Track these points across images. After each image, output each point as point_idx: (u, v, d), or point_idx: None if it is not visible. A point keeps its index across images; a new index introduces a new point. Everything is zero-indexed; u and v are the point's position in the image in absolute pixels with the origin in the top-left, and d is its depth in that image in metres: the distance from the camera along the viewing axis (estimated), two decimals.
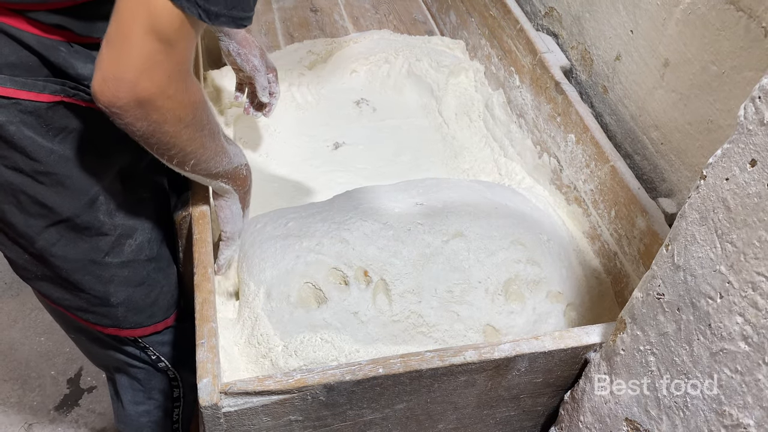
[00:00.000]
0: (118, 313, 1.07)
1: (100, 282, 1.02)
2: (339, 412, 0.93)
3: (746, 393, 0.66)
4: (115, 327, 1.09)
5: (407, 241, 1.11)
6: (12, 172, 0.88)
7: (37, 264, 0.99)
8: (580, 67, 1.43)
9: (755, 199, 0.62)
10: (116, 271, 1.03)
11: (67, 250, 0.97)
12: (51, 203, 0.92)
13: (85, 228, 0.97)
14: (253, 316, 1.05)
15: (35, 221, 0.93)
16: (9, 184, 0.89)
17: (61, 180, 0.91)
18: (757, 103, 0.60)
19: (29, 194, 0.90)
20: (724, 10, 1.01)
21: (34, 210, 0.92)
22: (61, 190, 0.92)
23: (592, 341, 0.95)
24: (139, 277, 1.07)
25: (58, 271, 0.99)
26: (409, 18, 1.98)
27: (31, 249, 0.96)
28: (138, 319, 1.10)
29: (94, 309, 1.05)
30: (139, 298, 1.08)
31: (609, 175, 1.19)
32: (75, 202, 0.94)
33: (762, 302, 0.62)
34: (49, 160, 0.89)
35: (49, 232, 0.95)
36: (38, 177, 0.89)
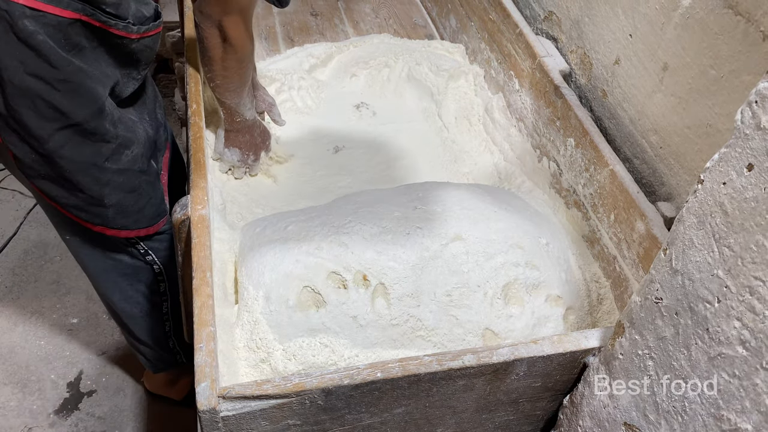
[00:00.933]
0: (109, 213, 1.20)
1: (98, 184, 1.15)
2: (337, 417, 0.93)
3: (744, 397, 0.66)
4: (103, 226, 1.22)
5: (406, 244, 1.11)
6: (32, 79, 0.99)
7: (43, 163, 1.10)
8: (579, 71, 1.43)
9: (752, 203, 0.61)
10: (112, 177, 1.16)
11: (73, 152, 1.09)
12: (65, 108, 1.04)
13: (92, 133, 1.09)
14: (252, 319, 1.05)
15: (48, 124, 1.05)
16: (28, 89, 1.00)
17: (75, 88, 1.04)
18: (754, 108, 0.60)
19: (46, 99, 1.02)
20: (722, 14, 1.01)
21: (49, 114, 1.04)
22: (75, 96, 1.04)
23: (591, 345, 0.94)
24: (132, 184, 1.20)
25: (61, 171, 1.11)
26: (409, 22, 1.98)
27: (41, 149, 1.07)
28: (125, 222, 1.24)
29: (87, 208, 1.18)
30: (128, 204, 1.21)
31: (608, 179, 1.19)
32: (86, 109, 1.06)
33: (759, 306, 0.62)
34: (68, 70, 1.01)
35: (59, 135, 1.06)
36: (56, 84, 1.01)
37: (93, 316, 1.99)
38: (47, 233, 2.21)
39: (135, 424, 1.77)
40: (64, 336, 1.94)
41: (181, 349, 1.61)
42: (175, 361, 1.63)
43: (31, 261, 2.13)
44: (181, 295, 1.22)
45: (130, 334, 1.56)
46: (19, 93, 1.00)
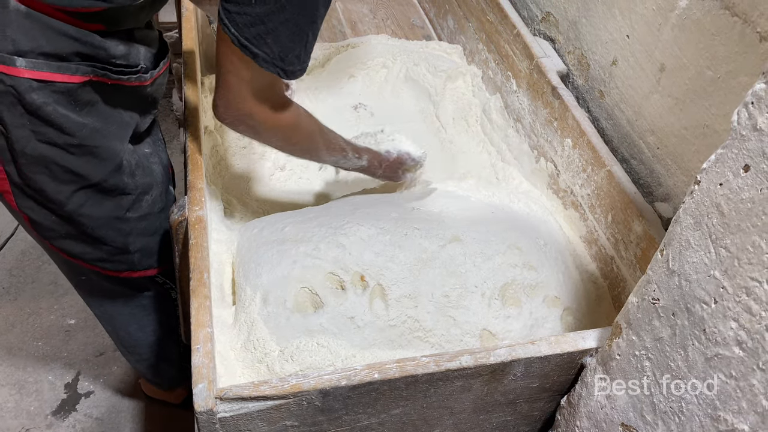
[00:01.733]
0: (134, 259, 1.21)
1: (121, 235, 1.15)
2: (335, 418, 0.93)
3: (741, 398, 0.66)
4: (130, 271, 1.23)
5: (404, 245, 1.11)
6: (46, 146, 0.98)
7: (64, 224, 1.09)
8: (576, 71, 1.43)
9: (749, 204, 0.62)
10: (135, 225, 1.16)
11: (93, 209, 1.09)
12: (82, 171, 1.03)
13: (111, 190, 1.09)
14: (249, 320, 1.05)
15: (66, 187, 1.04)
16: (42, 157, 0.98)
17: (91, 150, 1.02)
18: (750, 109, 0.60)
19: (60, 164, 1.00)
20: (719, 15, 1.01)
21: (66, 177, 1.02)
22: (91, 159, 1.03)
23: (588, 346, 0.95)
24: (154, 227, 1.21)
25: (83, 228, 1.10)
26: (407, 23, 1.98)
27: (60, 211, 1.07)
28: (150, 262, 1.25)
29: (113, 258, 1.19)
30: (152, 245, 1.22)
31: (606, 180, 1.19)
32: (104, 168, 1.05)
33: (756, 307, 0.62)
34: (81, 134, 0.99)
35: (78, 196, 1.06)
36: (70, 149, 1.00)
37: (91, 318, 1.98)
38: None
39: (133, 426, 1.76)
40: (61, 337, 1.93)
41: None
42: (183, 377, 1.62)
43: (28, 262, 2.13)
44: (178, 296, 1.22)
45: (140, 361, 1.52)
46: (33, 161, 0.99)
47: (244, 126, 1.05)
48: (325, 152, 1.18)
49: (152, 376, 1.60)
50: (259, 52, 0.92)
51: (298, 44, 0.94)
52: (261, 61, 0.93)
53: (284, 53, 0.93)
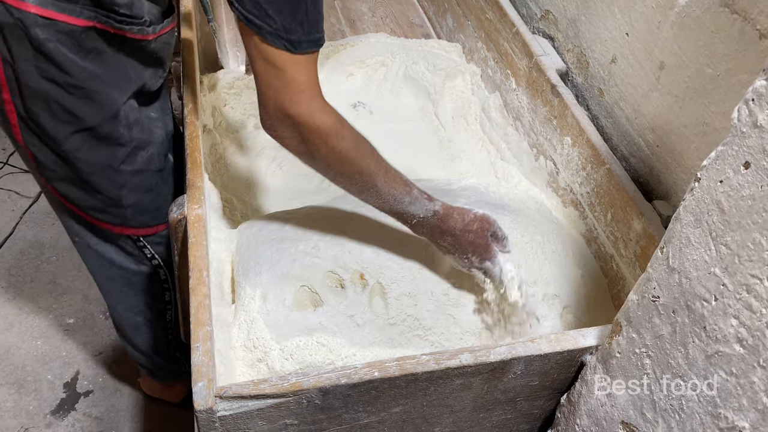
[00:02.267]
0: (127, 213, 1.22)
1: (115, 186, 1.17)
2: (335, 416, 0.93)
3: (741, 395, 0.66)
4: (123, 226, 1.24)
5: (403, 244, 1.11)
6: (47, 83, 1.01)
7: (62, 165, 1.12)
8: (576, 69, 1.43)
9: (749, 201, 0.61)
10: (129, 178, 1.17)
11: (88, 154, 1.11)
12: (79, 113, 1.06)
13: (106, 137, 1.11)
14: (249, 319, 1.05)
15: (64, 127, 1.07)
16: (44, 93, 1.02)
17: (89, 94, 1.05)
18: (751, 106, 0.60)
19: (60, 103, 1.04)
20: (718, 12, 1.01)
21: (64, 117, 1.06)
22: (88, 102, 1.06)
23: (588, 344, 0.94)
24: (148, 184, 1.22)
25: (79, 173, 1.13)
26: (406, 21, 1.98)
27: (58, 150, 1.09)
28: (143, 220, 1.25)
29: (106, 209, 1.20)
30: (146, 203, 1.23)
31: (605, 178, 1.19)
32: (100, 114, 1.08)
33: (756, 305, 0.62)
34: (81, 76, 1.02)
35: (74, 138, 1.08)
36: (69, 89, 1.03)
37: (90, 317, 1.98)
38: (43, 233, 2.21)
39: (132, 425, 1.76)
40: (60, 336, 1.93)
41: (183, 357, 1.59)
42: (179, 371, 1.62)
43: (27, 261, 2.12)
44: (177, 295, 1.22)
45: (133, 345, 1.54)
46: (35, 96, 1.03)
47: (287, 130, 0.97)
48: (382, 179, 1.01)
49: (146, 363, 1.60)
50: (263, 24, 0.90)
51: (298, 12, 0.91)
52: (266, 34, 0.91)
53: (286, 22, 0.91)
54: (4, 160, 2.43)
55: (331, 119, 0.97)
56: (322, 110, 0.96)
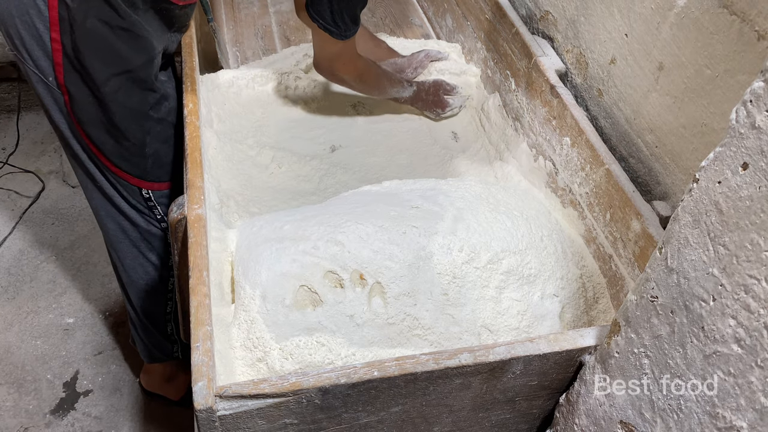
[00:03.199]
0: (147, 164, 1.34)
1: (141, 131, 1.30)
2: (334, 416, 0.93)
3: (739, 395, 0.66)
4: (141, 178, 1.36)
5: (402, 244, 1.11)
6: (100, 23, 1.14)
7: (98, 107, 1.23)
8: (575, 70, 1.43)
9: (747, 202, 0.62)
10: (153, 125, 1.31)
11: (125, 97, 1.24)
12: (123, 54, 1.20)
13: (143, 81, 1.25)
14: (248, 319, 1.05)
15: (107, 68, 1.19)
16: (96, 33, 1.14)
17: (134, 37, 1.19)
18: (749, 107, 0.60)
19: (109, 43, 1.17)
20: (717, 13, 1.01)
21: (109, 58, 1.18)
22: (133, 44, 1.20)
23: (587, 344, 0.95)
24: (166, 135, 1.35)
25: (112, 116, 1.24)
26: (405, 22, 1.98)
27: (98, 93, 1.21)
28: (158, 173, 1.37)
29: (129, 158, 1.32)
30: (163, 154, 1.36)
31: (604, 178, 1.20)
32: (141, 56, 1.23)
33: (754, 305, 0.63)
34: (130, 20, 1.17)
35: (115, 80, 1.21)
36: (118, 31, 1.17)
37: (89, 316, 1.99)
38: (43, 233, 2.21)
39: (131, 424, 1.76)
40: (60, 336, 1.94)
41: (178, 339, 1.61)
42: (171, 351, 1.64)
43: (26, 261, 2.13)
44: (177, 295, 1.22)
45: (132, 308, 1.58)
46: (87, 36, 1.14)
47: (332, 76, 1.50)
48: (389, 87, 1.57)
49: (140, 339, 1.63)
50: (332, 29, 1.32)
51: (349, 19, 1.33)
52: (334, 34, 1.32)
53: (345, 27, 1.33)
54: (4, 159, 2.43)
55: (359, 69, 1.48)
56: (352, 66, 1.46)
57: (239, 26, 1.91)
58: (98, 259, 2.14)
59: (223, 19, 1.92)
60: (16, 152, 2.45)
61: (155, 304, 1.56)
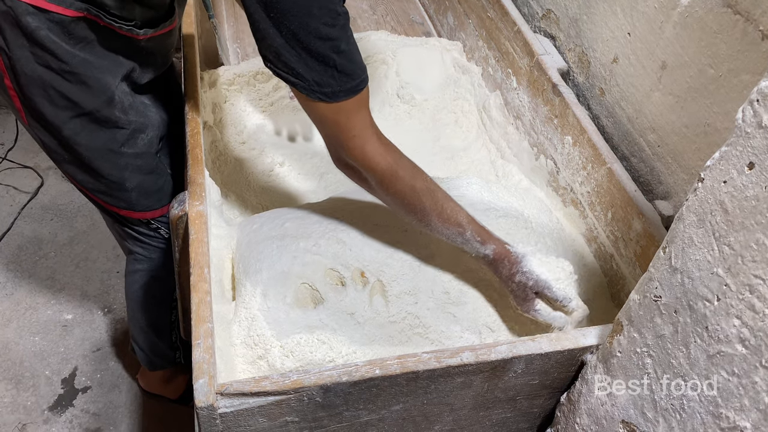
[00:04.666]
0: (132, 197, 1.24)
1: (117, 168, 1.19)
2: (335, 414, 0.93)
3: (743, 395, 0.66)
4: (128, 210, 1.27)
5: (404, 242, 1.11)
6: (43, 69, 1.04)
7: (65, 149, 1.15)
8: (577, 69, 1.43)
9: (753, 201, 0.62)
10: (131, 160, 1.20)
11: (89, 139, 1.14)
12: (75, 98, 1.08)
13: (104, 121, 1.13)
14: (249, 316, 1.04)
15: (62, 112, 1.09)
16: (41, 79, 1.05)
17: (83, 80, 1.07)
18: (756, 107, 0.60)
19: (57, 89, 1.07)
20: (721, 13, 1.01)
21: (62, 103, 1.08)
22: (84, 88, 1.08)
23: (589, 343, 0.95)
24: (150, 166, 1.24)
25: (81, 157, 1.16)
26: (406, 19, 1.98)
27: (59, 136, 1.13)
28: (148, 203, 1.27)
29: (111, 192, 1.23)
30: (149, 185, 1.25)
31: (606, 178, 1.19)
32: (95, 99, 1.10)
33: (759, 305, 0.62)
34: (73, 62, 1.05)
35: (74, 122, 1.11)
36: (65, 75, 1.06)
37: (88, 313, 1.98)
38: (42, 229, 2.20)
39: (130, 421, 1.76)
40: (58, 332, 1.93)
41: (181, 345, 1.60)
42: (173, 359, 1.63)
43: (25, 257, 2.12)
44: (177, 292, 1.22)
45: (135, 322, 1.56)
46: (32, 83, 1.06)
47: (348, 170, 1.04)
48: (436, 219, 1.03)
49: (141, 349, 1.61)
50: (297, 81, 0.92)
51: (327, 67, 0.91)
52: (302, 89, 0.93)
53: (317, 78, 0.91)
54: (3, 155, 2.42)
55: (386, 161, 0.99)
56: (375, 153, 0.98)
57: (240, 23, 1.90)
58: (97, 256, 2.13)
59: (224, 15, 1.91)
60: (14, 148, 2.44)
61: (161, 316, 1.54)
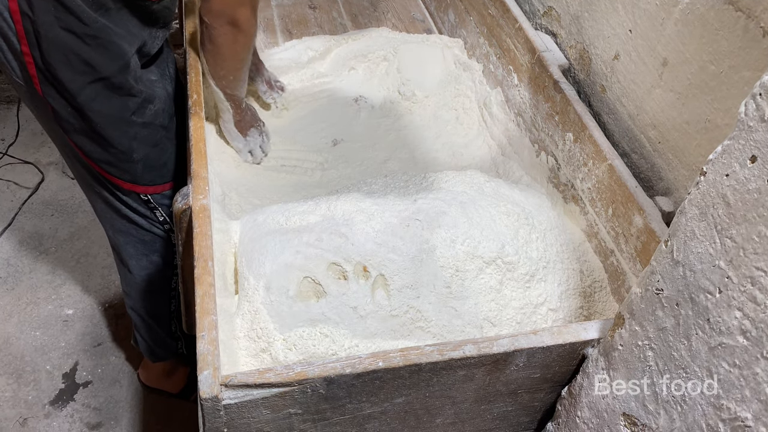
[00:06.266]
0: (137, 169, 1.29)
1: (126, 137, 1.24)
2: (338, 406, 0.93)
3: (744, 387, 0.67)
4: (133, 183, 1.31)
5: (405, 236, 1.11)
6: (66, 33, 1.09)
7: (77, 117, 1.19)
8: (578, 66, 1.43)
9: (755, 194, 0.62)
10: (139, 130, 1.25)
11: (102, 105, 1.18)
12: (94, 62, 1.13)
13: (119, 87, 1.19)
14: (252, 309, 1.05)
15: (80, 77, 1.14)
16: (62, 44, 1.09)
17: (103, 43, 1.13)
18: (758, 100, 0.61)
19: (77, 53, 1.11)
20: (722, 10, 1.01)
21: (80, 67, 1.13)
22: (103, 51, 1.13)
23: (591, 337, 0.95)
24: (155, 138, 1.29)
25: (93, 124, 1.19)
26: (407, 16, 1.99)
27: (74, 103, 1.16)
28: (151, 177, 1.32)
29: (118, 164, 1.27)
30: (154, 158, 1.30)
31: (606, 174, 1.20)
32: (113, 63, 1.16)
33: (761, 297, 0.63)
34: (96, 26, 1.11)
35: (90, 88, 1.15)
36: (86, 39, 1.11)
37: (89, 308, 1.99)
38: (42, 224, 2.21)
39: (131, 416, 1.77)
40: (59, 327, 1.93)
41: (182, 335, 1.61)
42: (175, 349, 1.64)
43: (26, 252, 2.12)
44: (180, 286, 1.23)
45: (135, 312, 1.57)
46: (53, 47, 1.09)
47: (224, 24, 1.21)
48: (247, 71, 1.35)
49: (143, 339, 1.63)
50: None
51: None
52: None
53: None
54: (4, 150, 2.43)
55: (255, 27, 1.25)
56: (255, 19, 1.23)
57: None
58: (98, 251, 2.13)
59: None
60: (15, 143, 2.45)
61: (160, 305, 1.56)
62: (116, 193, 1.33)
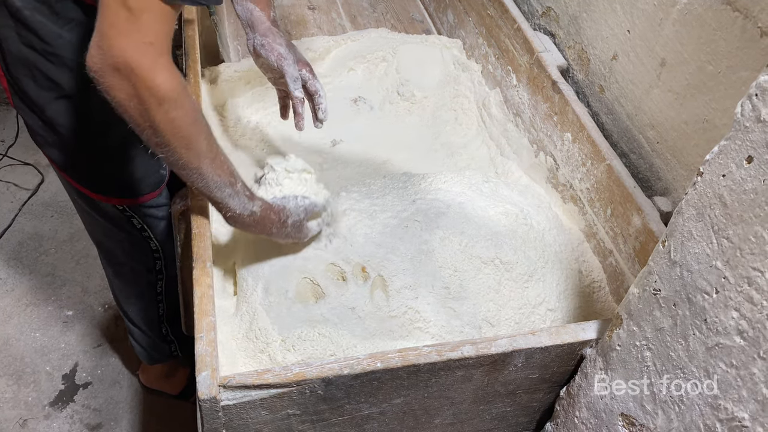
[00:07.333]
0: (107, 183, 1.23)
1: (97, 152, 1.18)
2: (337, 407, 0.93)
3: (741, 387, 0.67)
4: (103, 195, 1.25)
5: (404, 237, 1.12)
6: (28, 49, 1.04)
7: (48, 131, 1.15)
8: (576, 66, 1.43)
9: (751, 195, 0.62)
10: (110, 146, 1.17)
11: (69, 122, 1.12)
12: (58, 80, 1.08)
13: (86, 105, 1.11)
14: (251, 310, 1.05)
15: (46, 93, 1.09)
16: (26, 59, 1.05)
17: (66, 62, 1.06)
18: (754, 101, 0.61)
19: (41, 70, 1.06)
20: (720, 10, 1.01)
21: (45, 84, 1.08)
22: (66, 70, 1.07)
23: (589, 337, 0.95)
24: (130, 154, 1.20)
25: (62, 138, 1.15)
26: (406, 17, 1.99)
27: (43, 117, 1.13)
28: (123, 191, 1.25)
29: (91, 177, 1.22)
30: (128, 173, 1.22)
31: (605, 174, 1.20)
32: (78, 82, 1.08)
33: (757, 297, 0.63)
34: (57, 44, 1.04)
35: (57, 104, 1.10)
36: (48, 57, 1.05)
37: (88, 309, 1.99)
38: (42, 225, 2.21)
39: (130, 417, 1.77)
40: (59, 328, 1.94)
41: (175, 338, 1.61)
42: (170, 352, 1.64)
43: (26, 253, 2.12)
44: (179, 286, 1.23)
45: (126, 316, 1.57)
46: (18, 62, 1.06)
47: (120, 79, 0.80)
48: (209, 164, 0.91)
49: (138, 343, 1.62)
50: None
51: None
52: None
53: None
54: (3, 152, 2.43)
55: (174, 82, 0.83)
56: (166, 69, 0.82)
57: None
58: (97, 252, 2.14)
59: (225, 12, 1.91)
60: (15, 144, 2.45)
61: (147, 309, 1.55)
62: (92, 202, 1.28)
